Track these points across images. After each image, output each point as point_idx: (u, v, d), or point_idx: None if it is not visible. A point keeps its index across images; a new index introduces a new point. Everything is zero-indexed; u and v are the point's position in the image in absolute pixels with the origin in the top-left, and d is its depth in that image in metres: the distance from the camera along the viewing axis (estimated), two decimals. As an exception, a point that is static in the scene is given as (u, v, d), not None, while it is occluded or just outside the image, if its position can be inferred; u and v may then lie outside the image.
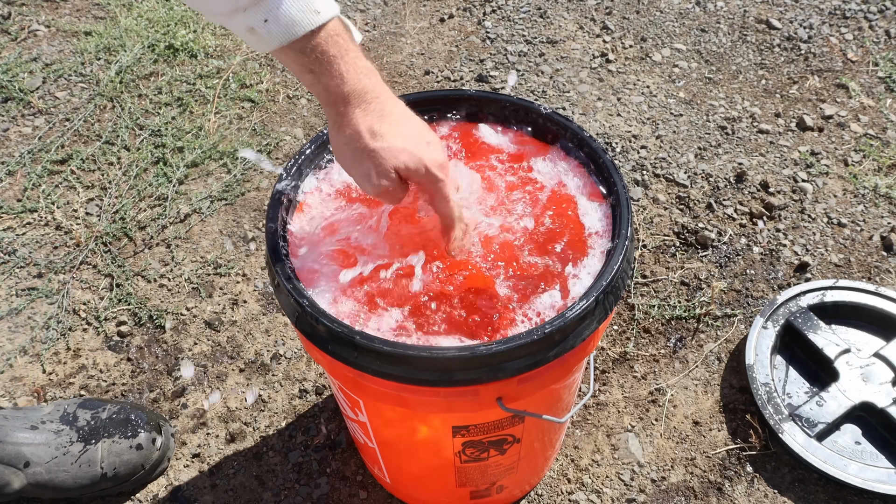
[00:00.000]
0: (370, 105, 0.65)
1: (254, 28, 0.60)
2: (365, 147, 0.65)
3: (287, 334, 1.24)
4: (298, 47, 0.61)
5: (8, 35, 1.79)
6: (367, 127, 0.64)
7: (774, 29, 1.82)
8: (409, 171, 0.66)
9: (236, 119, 1.60)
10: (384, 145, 0.65)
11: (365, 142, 0.64)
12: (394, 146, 0.65)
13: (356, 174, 0.67)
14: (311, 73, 0.63)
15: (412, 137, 0.67)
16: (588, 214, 0.76)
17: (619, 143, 1.54)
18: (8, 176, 1.49)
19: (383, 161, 0.65)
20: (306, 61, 0.62)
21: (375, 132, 0.64)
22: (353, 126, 0.64)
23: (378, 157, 0.65)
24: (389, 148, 0.65)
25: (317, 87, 0.64)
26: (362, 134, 0.64)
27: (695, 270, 1.33)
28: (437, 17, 1.87)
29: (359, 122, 0.64)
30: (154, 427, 1.05)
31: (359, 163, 0.66)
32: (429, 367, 0.62)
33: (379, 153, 0.65)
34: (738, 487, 1.07)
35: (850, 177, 1.48)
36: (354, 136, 0.65)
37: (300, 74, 0.64)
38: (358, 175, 0.67)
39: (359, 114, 0.64)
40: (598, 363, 1.20)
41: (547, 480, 1.08)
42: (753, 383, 1.13)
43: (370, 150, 0.65)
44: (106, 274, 1.32)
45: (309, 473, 1.08)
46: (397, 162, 0.65)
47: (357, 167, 0.66)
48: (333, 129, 0.66)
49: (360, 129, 0.64)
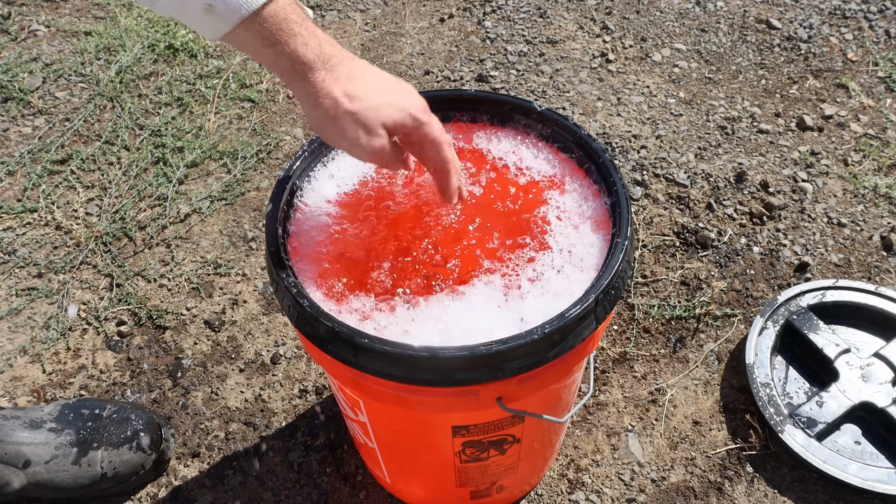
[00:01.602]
0: (337, 69, 0.64)
1: (212, 5, 0.59)
2: (346, 111, 0.63)
3: (287, 334, 1.24)
4: (258, 18, 0.60)
5: (8, 35, 1.79)
6: (342, 91, 0.63)
7: (774, 29, 1.82)
8: (396, 123, 0.65)
9: (236, 119, 1.60)
10: (365, 105, 0.64)
11: (345, 107, 0.63)
12: (374, 103, 0.64)
13: (345, 143, 0.66)
14: (272, 47, 0.62)
15: (387, 90, 0.66)
16: (588, 214, 0.76)
17: (619, 143, 1.54)
18: (8, 176, 1.49)
19: (368, 121, 0.64)
20: (268, 32, 0.61)
21: (352, 95, 0.63)
22: (327, 94, 0.63)
23: (362, 118, 0.64)
24: (371, 106, 0.64)
25: (281, 62, 0.62)
26: (339, 100, 0.63)
27: (695, 270, 1.33)
28: (437, 17, 1.87)
29: (332, 89, 0.63)
30: (154, 427, 1.05)
31: (345, 130, 0.65)
32: (429, 367, 0.62)
33: (361, 114, 0.64)
34: (738, 487, 1.07)
35: (850, 177, 1.48)
36: (332, 105, 0.63)
37: (261, 51, 0.62)
38: (348, 143, 0.66)
39: (329, 80, 0.63)
40: (598, 363, 1.20)
41: (547, 480, 1.08)
42: (753, 383, 1.13)
43: (352, 112, 0.63)
44: (106, 274, 1.32)
45: (309, 473, 1.08)
46: (382, 117, 0.64)
47: (344, 135, 0.65)
48: (309, 104, 0.65)
49: (336, 94, 0.63)
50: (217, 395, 1.17)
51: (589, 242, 0.74)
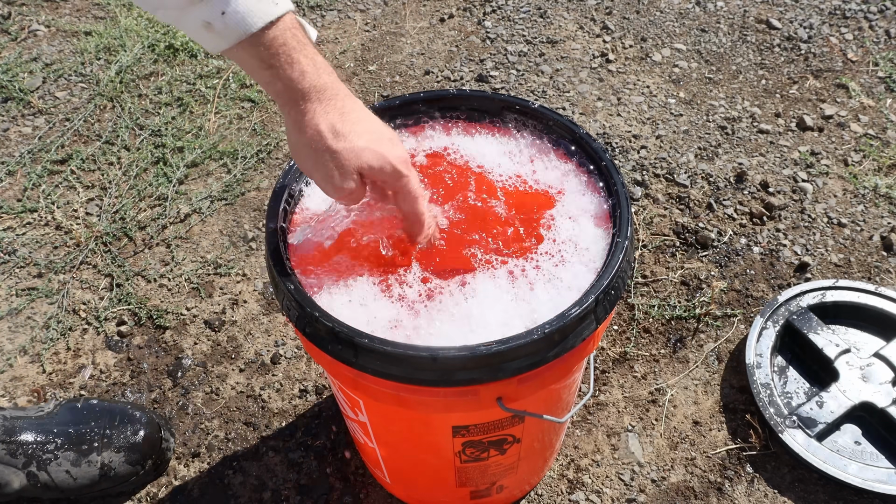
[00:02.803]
0: (330, 102, 0.63)
1: (210, 23, 0.58)
2: (328, 148, 0.62)
3: (287, 334, 1.24)
4: (257, 41, 0.59)
5: (8, 35, 1.79)
6: (329, 126, 0.62)
7: (774, 29, 1.82)
8: (374, 170, 0.64)
9: (236, 119, 1.60)
10: (347, 146, 0.63)
11: (327, 142, 0.62)
12: (357, 146, 0.63)
13: (317, 176, 0.65)
14: (269, 69, 0.61)
15: (374, 136, 0.65)
16: (589, 215, 0.76)
17: (619, 143, 1.54)
18: (8, 176, 1.49)
19: (346, 162, 0.63)
20: (266, 55, 0.60)
21: (338, 132, 0.63)
22: (314, 126, 0.62)
23: (341, 159, 0.63)
24: (353, 148, 0.63)
25: (275, 85, 0.62)
26: (324, 134, 0.62)
27: (695, 270, 1.33)
28: (437, 17, 1.87)
29: (319, 121, 0.62)
30: (154, 427, 1.05)
31: (321, 165, 0.64)
32: (429, 367, 0.62)
33: (342, 154, 0.63)
34: (738, 487, 1.07)
35: (850, 177, 1.48)
36: (316, 137, 0.62)
37: (257, 72, 0.61)
38: (319, 177, 0.65)
39: (319, 112, 0.62)
40: (598, 363, 1.20)
41: (547, 480, 1.08)
42: (753, 383, 1.13)
43: (333, 150, 0.62)
44: (106, 274, 1.32)
45: (309, 473, 1.08)
46: (360, 162, 0.64)
47: (318, 169, 0.64)
48: (293, 129, 0.64)
49: (322, 128, 0.62)
50: (217, 395, 1.17)
51: (589, 242, 0.74)
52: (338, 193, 0.66)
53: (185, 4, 0.58)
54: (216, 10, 0.58)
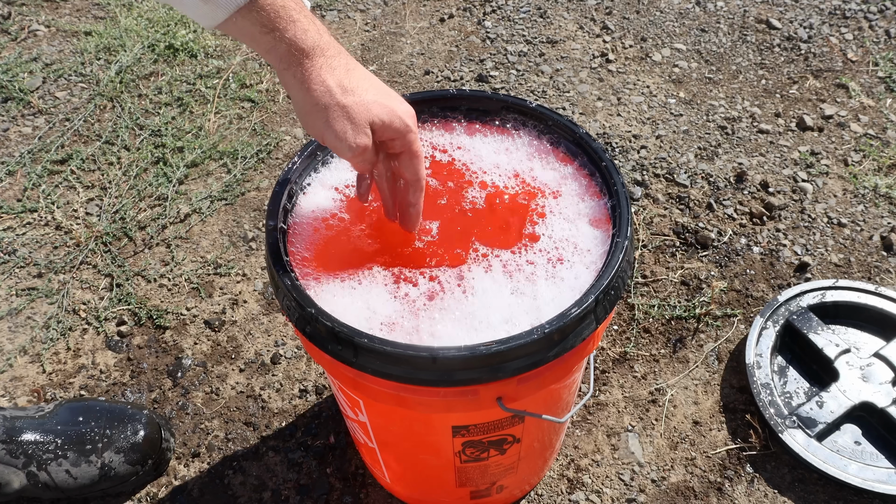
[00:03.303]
0: (334, 59, 0.63)
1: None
2: (338, 103, 0.62)
3: (287, 334, 1.24)
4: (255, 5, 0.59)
5: (8, 35, 1.79)
6: (337, 82, 0.62)
7: (774, 29, 1.82)
8: (384, 124, 0.64)
9: (236, 119, 1.60)
10: (357, 99, 0.63)
11: (337, 97, 0.62)
12: (366, 99, 0.63)
13: (330, 135, 0.64)
14: (270, 33, 0.60)
15: (380, 90, 0.65)
16: (588, 214, 0.76)
17: (619, 143, 1.54)
18: (8, 176, 1.49)
19: (358, 116, 0.63)
20: (266, 19, 0.60)
21: (346, 87, 0.62)
22: (321, 82, 0.62)
23: (352, 112, 0.63)
24: (363, 102, 0.63)
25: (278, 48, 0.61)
26: (333, 89, 0.62)
27: (695, 270, 1.33)
28: (437, 17, 1.87)
29: (326, 77, 0.62)
30: (154, 427, 1.05)
31: (333, 121, 0.63)
32: (429, 367, 0.62)
33: (353, 108, 0.62)
34: (738, 487, 1.07)
35: (850, 177, 1.48)
36: (325, 93, 0.62)
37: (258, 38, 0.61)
38: (333, 136, 0.64)
39: (325, 69, 0.62)
40: (598, 363, 1.20)
41: (547, 480, 1.08)
42: (753, 383, 1.13)
43: (343, 105, 0.62)
44: (106, 274, 1.32)
45: (309, 473, 1.08)
46: (371, 115, 0.63)
47: (331, 127, 0.63)
48: (300, 90, 0.63)
49: (330, 84, 0.62)
50: (217, 395, 1.17)
51: (588, 242, 0.74)
52: (351, 151, 0.65)
53: None
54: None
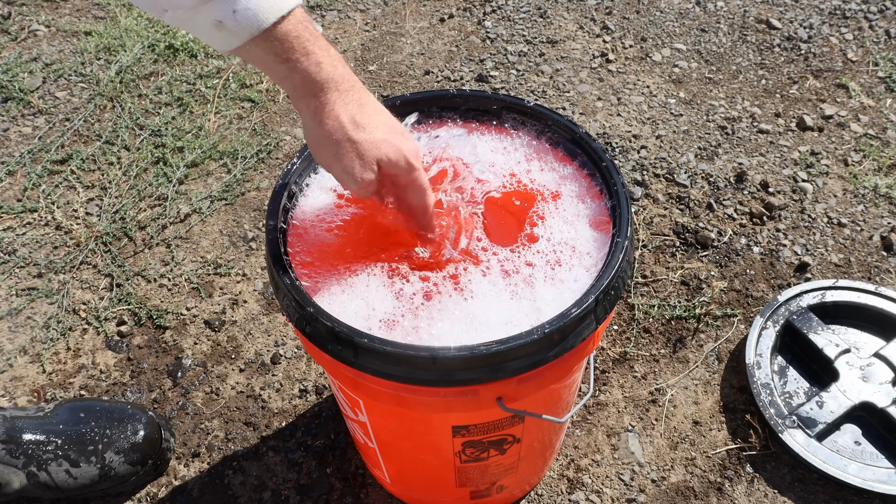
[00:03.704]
0: (348, 94, 0.63)
1: (221, 21, 0.57)
2: (349, 138, 0.63)
3: (287, 334, 1.24)
4: (270, 35, 0.59)
5: (8, 35, 1.79)
6: (350, 117, 0.63)
7: (774, 29, 1.82)
8: (391, 162, 0.65)
9: (236, 119, 1.60)
10: (367, 137, 0.63)
11: (349, 133, 0.63)
12: (376, 137, 0.64)
13: (338, 169, 0.65)
14: (285, 63, 0.60)
15: (390, 128, 0.66)
16: (588, 215, 0.76)
17: (619, 143, 1.54)
18: (8, 176, 1.49)
19: (367, 153, 0.64)
20: (280, 49, 0.60)
21: (358, 123, 0.63)
22: (334, 117, 0.62)
23: (362, 149, 0.63)
24: (372, 140, 0.64)
25: (292, 78, 0.61)
26: (345, 125, 0.62)
27: (695, 270, 1.33)
28: (437, 17, 1.87)
29: (340, 112, 0.62)
30: (154, 427, 1.05)
31: (342, 156, 0.64)
32: (429, 367, 0.62)
33: (363, 145, 0.63)
34: (738, 487, 1.07)
35: (850, 177, 1.48)
36: (337, 128, 0.63)
37: (272, 67, 0.61)
38: (340, 170, 0.65)
39: (339, 103, 0.62)
40: (598, 363, 1.20)
41: (547, 480, 1.08)
42: (753, 383, 1.13)
43: (354, 141, 0.63)
44: (106, 274, 1.32)
45: (309, 473, 1.08)
46: (380, 153, 0.64)
47: (340, 161, 0.64)
48: (313, 122, 0.64)
49: (343, 119, 0.62)
50: (217, 395, 1.17)
51: (588, 243, 0.74)
52: (357, 185, 0.66)
53: (197, 4, 0.57)
54: (227, 8, 0.57)
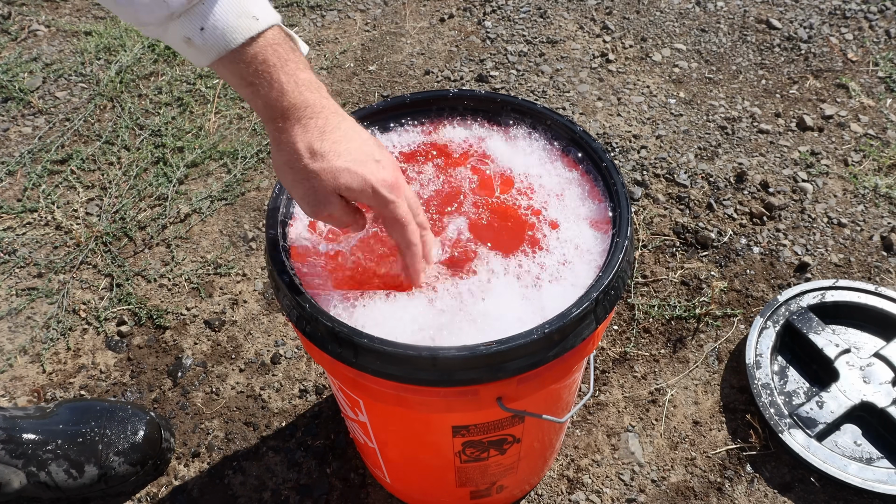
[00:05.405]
0: (311, 121, 0.61)
1: (189, 38, 0.57)
2: (304, 168, 0.60)
3: (287, 334, 1.24)
4: (236, 57, 0.58)
5: (8, 35, 1.79)
6: (307, 146, 0.60)
7: (774, 29, 1.82)
8: (354, 192, 0.62)
9: (236, 119, 1.60)
10: (324, 166, 0.60)
11: (304, 162, 0.60)
12: (334, 166, 0.60)
13: (296, 196, 0.63)
14: (249, 87, 0.59)
15: (356, 156, 0.62)
16: (588, 215, 0.76)
17: (619, 143, 1.54)
18: (8, 176, 1.49)
19: (322, 183, 0.61)
20: (245, 73, 0.58)
21: (315, 151, 0.60)
22: (291, 144, 0.60)
23: (317, 180, 0.61)
24: (329, 168, 0.60)
25: (256, 102, 0.60)
26: (301, 153, 0.60)
27: (695, 270, 1.33)
28: (437, 17, 1.87)
29: (297, 140, 0.60)
30: (154, 427, 1.05)
31: (298, 184, 0.62)
32: (429, 368, 0.62)
33: (318, 175, 0.60)
34: (738, 487, 1.07)
35: (850, 177, 1.48)
36: (293, 156, 0.60)
37: (239, 88, 0.60)
38: (298, 197, 0.63)
39: (298, 131, 0.60)
40: (598, 363, 1.20)
41: (547, 480, 1.08)
42: (753, 383, 1.13)
43: (309, 170, 0.60)
44: (106, 274, 1.32)
45: (309, 473, 1.08)
46: (338, 183, 0.61)
47: (296, 189, 0.62)
48: (273, 147, 0.62)
49: (299, 147, 0.60)
50: (217, 395, 1.17)
51: (588, 242, 0.74)
52: (316, 215, 0.64)
53: (164, 20, 0.56)
54: (195, 25, 0.56)
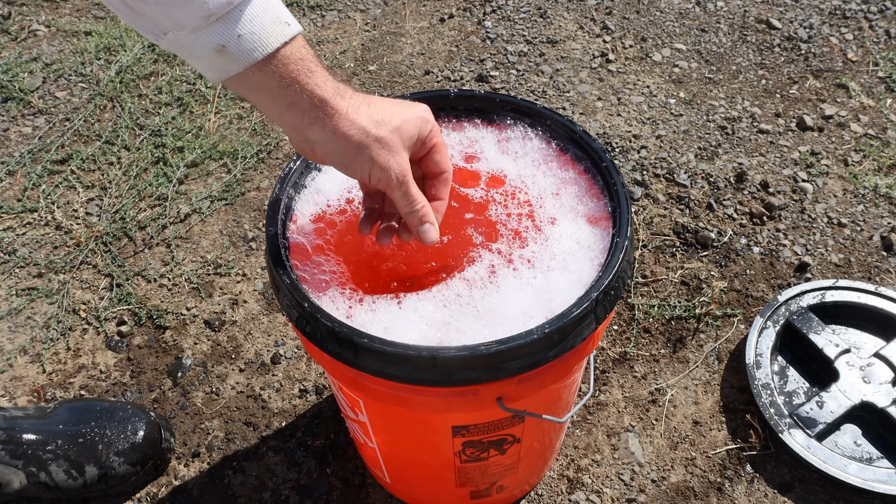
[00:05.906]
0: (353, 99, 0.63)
1: (224, 45, 0.56)
2: (376, 138, 0.62)
3: (287, 334, 1.24)
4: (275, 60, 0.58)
5: (8, 35, 1.79)
6: (368, 118, 0.62)
7: (774, 29, 1.82)
8: (416, 138, 0.66)
9: (236, 119, 1.60)
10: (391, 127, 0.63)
11: (374, 133, 0.62)
12: (397, 123, 0.64)
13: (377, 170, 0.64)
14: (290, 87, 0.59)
15: (399, 108, 0.65)
16: (588, 215, 0.76)
17: (619, 143, 1.54)
18: (8, 176, 1.49)
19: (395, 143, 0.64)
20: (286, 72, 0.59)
21: (377, 120, 0.63)
22: (356, 125, 0.62)
23: (391, 142, 0.63)
24: (395, 128, 0.64)
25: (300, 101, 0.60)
26: (367, 127, 0.62)
27: (695, 270, 1.33)
28: (437, 17, 1.87)
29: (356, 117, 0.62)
30: (154, 427, 1.05)
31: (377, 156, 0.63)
32: (429, 367, 0.62)
33: (390, 138, 0.63)
34: (738, 487, 1.07)
35: (850, 177, 1.48)
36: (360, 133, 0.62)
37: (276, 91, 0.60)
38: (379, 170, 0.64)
39: (351, 111, 0.62)
40: (598, 363, 1.20)
41: (547, 480, 1.08)
42: (753, 383, 1.13)
43: (380, 138, 0.63)
44: (106, 274, 1.32)
45: (309, 473, 1.08)
46: (404, 137, 0.64)
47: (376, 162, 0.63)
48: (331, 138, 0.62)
49: (363, 123, 0.62)
50: (217, 395, 1.17)
51: (588, 242, 0.74)
52: (398, 179, 0.65)
53: (200, 25, 0.56)
54: (232, 31, 0.56)
